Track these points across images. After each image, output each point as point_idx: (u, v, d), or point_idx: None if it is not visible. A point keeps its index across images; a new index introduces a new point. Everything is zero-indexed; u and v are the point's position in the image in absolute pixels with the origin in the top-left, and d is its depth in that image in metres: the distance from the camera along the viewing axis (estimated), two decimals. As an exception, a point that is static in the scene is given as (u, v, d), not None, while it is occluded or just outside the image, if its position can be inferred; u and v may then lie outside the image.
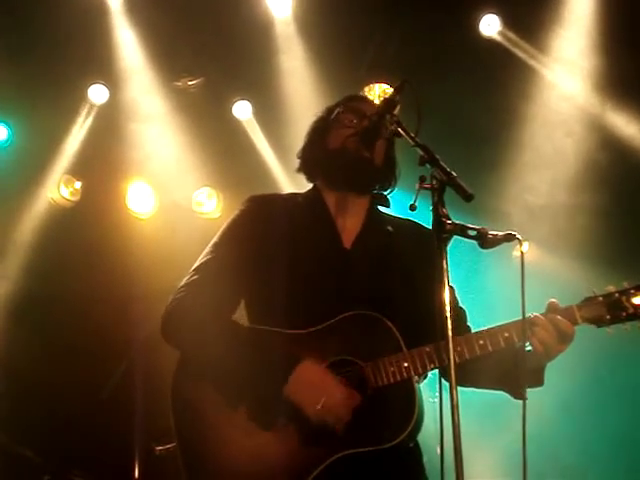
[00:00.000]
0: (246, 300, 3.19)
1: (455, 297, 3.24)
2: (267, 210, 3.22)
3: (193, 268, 3.15)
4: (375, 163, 3.17)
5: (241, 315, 3.22)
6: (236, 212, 3.25)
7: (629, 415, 6.59)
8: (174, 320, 3.07)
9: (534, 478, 2.70)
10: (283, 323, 2.99)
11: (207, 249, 3.18)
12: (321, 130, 3.34)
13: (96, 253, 7.26)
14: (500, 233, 2.69)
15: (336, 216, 3.22)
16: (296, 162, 3.41)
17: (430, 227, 2.64)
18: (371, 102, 3.45)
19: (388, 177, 3.32)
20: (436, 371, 2.94)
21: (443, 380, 2.67)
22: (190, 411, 2.97)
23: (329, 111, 3.37)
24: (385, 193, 3.33)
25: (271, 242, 3.11)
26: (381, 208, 3.35)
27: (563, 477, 6.45)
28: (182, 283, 3.12)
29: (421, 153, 2.72)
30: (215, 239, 3.20)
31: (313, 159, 3.35)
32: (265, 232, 3.13)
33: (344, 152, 3.16)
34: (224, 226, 3.23)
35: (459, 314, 3.22)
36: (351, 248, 3.17)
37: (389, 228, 3.27)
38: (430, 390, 3.05)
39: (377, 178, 3.27)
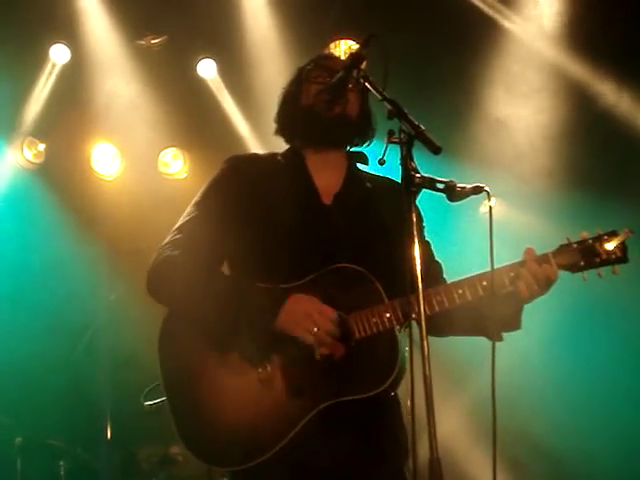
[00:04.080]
0: (228, 259, 3.19)
1: (431, 250, 3.27)
2: (247, 169, 3.22)
3: (176, 227, 3.15)
4: (348, 117, 3.17)
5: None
6: (217, 171, 3.25)
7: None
8: (162, 273, 3.06)
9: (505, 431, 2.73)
10: (265, 280, 2.99)
11: (189, 209, 3.18)
12: (292, 91, 3.34)
13: (61, 216, 7.19)
14: (468, 186, 2.70)
15: (315, 174, 3.23)
16: (271, 125, 3.40)
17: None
18: (340, 59, 3.42)
19: (364, 129, 3.30)
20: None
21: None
22: (179, 362, 3.00)
23: (300, 71, 3.36)
24: (364, 145, 3.32)
25: (251, 200, 3.12)
26: (360, 165, 3.35)
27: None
28: (165, 241, 3.12)
29: (389, 107, 2.73)
30: (196, 198, 3.20)
31: (287, 120, 3.34)
32: (245, 190, 3.14)
33: (315, 109, 3.16)
34: (205, 185, 3.23)
35: (435, 267, 3.25)
36: (331, 204, 3.19)
37: (368, 184, 3.30)
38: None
39: (352, 132, 3.27)
